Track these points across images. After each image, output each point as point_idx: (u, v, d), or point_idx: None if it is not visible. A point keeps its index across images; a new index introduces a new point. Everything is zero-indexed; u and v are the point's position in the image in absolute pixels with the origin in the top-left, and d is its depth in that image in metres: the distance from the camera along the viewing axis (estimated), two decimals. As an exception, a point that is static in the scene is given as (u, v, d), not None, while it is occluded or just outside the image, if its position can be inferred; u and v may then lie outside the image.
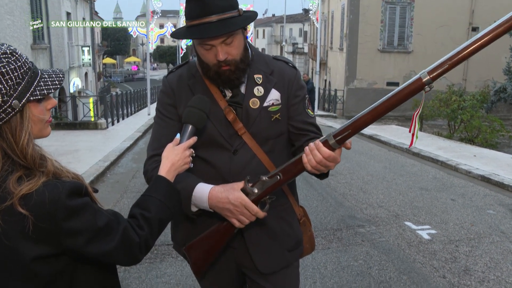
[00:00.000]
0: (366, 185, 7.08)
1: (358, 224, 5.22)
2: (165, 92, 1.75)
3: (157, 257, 4.29)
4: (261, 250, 1.75)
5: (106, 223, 1.18)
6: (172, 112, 1.72)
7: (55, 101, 1.26)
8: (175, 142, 1.51)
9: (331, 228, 5.09)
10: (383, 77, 19.60)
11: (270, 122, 1.69)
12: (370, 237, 4.81)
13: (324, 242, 4.67)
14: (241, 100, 1.67)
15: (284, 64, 1.78)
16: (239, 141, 1.67)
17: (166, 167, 1.45)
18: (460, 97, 12.43)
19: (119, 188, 7.01)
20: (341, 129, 1.45)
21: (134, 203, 1.36)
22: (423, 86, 1.37)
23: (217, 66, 1.59)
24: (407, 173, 7.97)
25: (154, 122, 1.79)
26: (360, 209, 5.82)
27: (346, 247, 4.55)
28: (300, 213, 1.88)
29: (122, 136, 11.87)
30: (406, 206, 5.97)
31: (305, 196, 6.30)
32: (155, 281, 3.82)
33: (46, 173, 1.15)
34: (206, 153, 1.67)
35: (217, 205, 1.56)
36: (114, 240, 1.19)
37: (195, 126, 1.55)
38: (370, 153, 10.01)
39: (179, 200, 1.44)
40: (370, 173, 7.93)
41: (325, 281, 3.80)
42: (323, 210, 5.75)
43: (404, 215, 5.59)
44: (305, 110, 1.76)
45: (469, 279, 3.85)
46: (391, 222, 5.32)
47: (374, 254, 4.36)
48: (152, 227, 1.30)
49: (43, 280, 1.16)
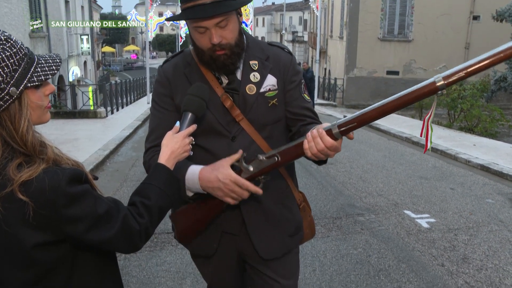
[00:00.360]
0: (365, 173, 7.09)
1: (357, 213, 5.24)
2: (161, 82, 1.74)
3: (157, 245, 4.31)
4: (262, 236, 1.75)
5: (106, 211, 1.18)
6: (168, 102, 1.71)
7: (53, 87, 1.25)
8: (175, 130, 1.51)
9: (331, 216, 5.11)
10: (383, 66, 19.53)
11: (268, 107, 1.69)
12: (370, 226, 4.83)
13: (323, 230, 4.69)
14: (238, 87, 1.67)
15: (280, 50, 1.77)
16: (237, 127, 1.67)
17: (165, 155, 1.44)
18: (460, 86, 12.40)
19: (119, 176, 7.02)
20: (347, 121, 1.45)
21: (134, 190, 1.36)
22: (436, 91, 1.35)
23: (212, 51, 1.58)
24: (407, 162, 7.98)
25: (151, 113, 1.78)
26: (359, 197, 5.84)
27: (345, 235, 4.57)
28: (300, 198, 1.89)
29: (122, 125, 11.87)
30: (405, 194, 5.99)
31: (305, 184, 6.31)
32: (155, 269, 3.84)
33: (46, 160, 1.15)
34: (205, 141, 1.67)
35: (208, 185, 1.56)
36: (114, 228, 1.19)
37: (195, 114, 1.54)
38: (369, 141, 10.01)
39: (179, 188, 1.44)
40: (369, 162, 7.94)
41: (325, 269, 3.82)
42: (323, 198, 5.76)
43: (404, 203, 5.61)
44: (301, 95, 1.76)
45: (467, 267, 3.88)
46: (390, 210, 5.34)
47: (373, 243, 4.38)
48: (152, 215, 1.30)
49: (43, 268, 1.16)
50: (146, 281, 3.64)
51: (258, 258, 1.78)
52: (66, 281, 1.20)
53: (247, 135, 1.67)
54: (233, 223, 1.75)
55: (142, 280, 3.66)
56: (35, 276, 1.16)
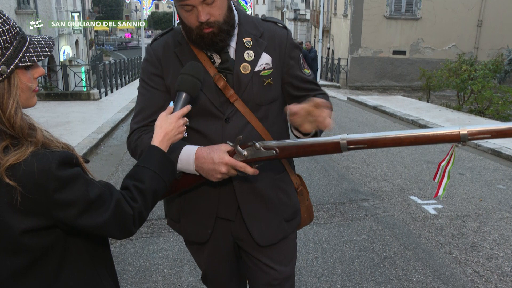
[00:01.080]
0: (370, 158, 7.10)
1: (361, 198, 5.25)
2: (150, 61, 1.72)
3: (154, 231, 4.33)
4: (258, 221, 1.76)
5: (99, 195, 1.18)
6: (158, 82, 1.69)
7: (43, 70, 1.24)
8: (169, 111, 1.50)
9: (334, 202, 5.12)
10: (389, 46, 19.39)
11: (263, 87, 1.68)
12: (374, 212, 4.84)
13: (326, 216, 4.71)
14: (231, 66, 1.66)
15: (274, 25, 1.76)
16: (231, 108, 1.66)
17: (159, 136, 1.43)
18: (471, 66, 12.30)
19: (114, 160, 7.03)
20: (359, 140, 1.45)
21: (127, 174, 1.36)
22: (458, 140, 1.38)
23: (199, 29, 1.57)
24: (413, 146, 7.96)
25: (138, 93, 1.76)
26: (363, 182, 5.85)
27: (349, 221, 4.59)
28: (297, 182, 1.89)
29: (116, 107, 11.85)
30: (411, 179, 6.00)
31: (307, 168, 6.32)
32: (152, 256, 3.86)
33: (34, 142, 1.14)
34: (197, 123, 1.66)
35: (202, 166, 1.56)
36: (107, 212, 1.18)
37: (189, 94, 1.53)
38: (374, 124, 9.99)
39: (173, 170, 1.44)
40: (374, 146, 7.93)
41: (327, 256, 3.84)
42: (325, 183, 5.77)
43: (410, 189, 5.62)
44: (302, 71, 1.76)
45: (476, 255, 3.89)
46: (395, 196, 5.35)
47: (378, 229, 4.39)
48: (146, 199, 1.30)
49: (33, 255, 1.16)
50: (142, 269, 3.67)
51: (253, 244, 1.79)
52: (57, 268, 1.20)
53: (242, 116, 1.66)
54: (228, 208, 1.75)
55: (138, 268, 3.68)
56: (24, 263, 1.16)
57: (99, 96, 13.39)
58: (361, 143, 1.44)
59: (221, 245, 1.84)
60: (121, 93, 15.38)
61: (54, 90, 13.79)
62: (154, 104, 1.68)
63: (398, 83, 19.38)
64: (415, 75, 18.23)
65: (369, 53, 19.52)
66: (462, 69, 12.22)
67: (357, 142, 1.44)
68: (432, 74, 13.79)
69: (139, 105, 1.74)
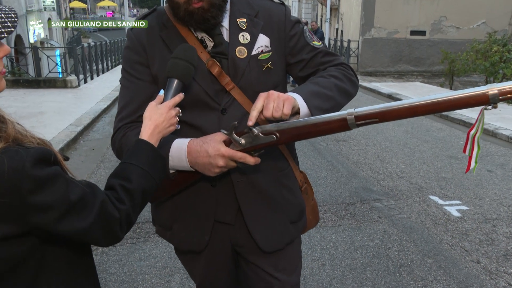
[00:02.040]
0: (384, 152, 7.11)
1: (374, 198, 5.28)
2: (132, 48, 1.70)
3: (140, 236, 4.34)
4: (261, 224, 1.76)
5: (81, 196, 1.17)
6: (143, 71, 1.69)
7: (8, 48, 1.21)
8: (159, 100, 1.49)
9: (343, 202, 5.14)
10: (407, 25, 19.33)
11: (262, 72, 1.69)
12: (388, 213, 4.86)
13: (334, 218, 4.73)
14: (226, 50, 1.66)
15: (269, 2, 1.76)
16: (227, 98, 1.66)
17: (148, 129, 1.43)
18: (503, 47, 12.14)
19: (95, 156, 7.04)
20: (368, 113, 1.42)
21: (112, 172, 1.36)
22: (486, 102, 1.31)
23: (188, 3, 1.56)
24: (433, 139, 8.00)
25: (121, 86, 1.75)
26: (376, 180, 5.87)
27: (360, 224, 4.61)
28: (302, 179, 1.90)
29: (97, 96, 11.85)
30: (431, 177, 6.02)
31: (312, 164, 6.33)
32: (138, 265, 3.88)
33: (4, 137, 1.12)
34: (190, 115, 1.66)
35: (197, 160, 1.56)
36: (90, 216, 1.18)
37: (182, 80, 1.53)
38: (389, 115, 10.00)
39: (164, 167, 1.44)
40: (388, 139, 7.96)
41: (336, 264, 3.87)
42: (333, 181, 5.79)
43: (429, 187, 5.64)
44: (310, 44, 1.76)
45: (510, 266, 3.87)
46: (413, 195, 5.37)
47: (393, 233, 4.42)
48: (134, 200, 1.29)
49: (2, 267, 1.14)
50: (127, 279, 3.68)
51: (255, 251, 1.80)
52: (32, 280, 1.19)
53: (240, 106, 1.67)
54: (227, 210, 1.75)
55: (123, 278, 3.70)
56: None
57: (77, 84, 13.36)
58: (372, 116, 1.41)
59: (220, 253, 1.84)
60: (102, 80, 15.36)
61: (23, 76, 13.67)
62: (139, 97, 1.67)
63: (417, 68, 19.34)
64: (436, 58, 18.17)
65: (384, 34, 19.47)
66: (492, 51, 12.10)
67: (366, 116, 1.41)
68: (456, 57, 13.71)
69: (123, 99, 1.73)
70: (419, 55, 19.18)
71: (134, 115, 1.68)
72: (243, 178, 1.71)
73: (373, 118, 1.41)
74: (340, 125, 1.45)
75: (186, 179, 1.66)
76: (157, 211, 1.89)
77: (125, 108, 1.71)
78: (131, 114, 1.68)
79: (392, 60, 19.35)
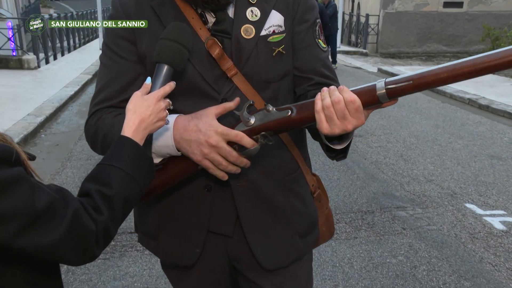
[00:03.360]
0: (408, 150, 7.13)
1: (397, 205, 5.29)
2: (118, 19, 1.70)
3: (115, 250, 4.34)
4: (263, 236, 1.77)
5: (49, 204, 1.17)
6: (128, 49, 1.69)
7: None
8: (145, 89, 1.49)
9: (359, 210, 5.16)
10: (437, -4, 19.33)
11: (271, 58, 1.68)
12: (415, 224, 4.87)
13: (349, 229, 4.74)
14: (229, 28, 1.65)
15: None
16: (228, 86, 1.66)
17: (132, 124, 1.43)
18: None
19: (60, 154, 7.04)
20: (400, 78, 1.43)
21: (87, 175, 1.35)
22: None
23: None
24: (470, 135, 8.01)
25: (101, 64, 1.76)
26: (399, 184, 5.88)
27: (380, 237, 4.62)
28: (314, 183, 1.91)
29: (63, 80, 11.82)
30: (467, 181, 6.02)
31: (322, 164, 6.34)
32: (112, 285, 3.88)
33: None
34: (183, 105, 1.65)
35: (183, 136, 1.55)
36: (59, 229, 1.18)
37: (173, 66, 1.53)
38: (414, 105, 10.02)
39: (151, 170, 1.44)
40: (414, 134, 7.97)
41: (351, 284, 3.88)
42: (348, 184, 5.80)
43: (465, 194, 5.65)
44: (316, 40, 1.76)
45: None
46: (445, 203, 5.38)
47: (421, 248, 4.42)
48: (114, 209, 1.29)
49: None
50: (100, 301, 3.69)
51: (256, 268, 1.80)
52: None
53: (243, 97, 1.66)
54: (224, 220, 1.76)
55: (95, 300, 3.70)
56: None
57: (36, 65, 13.31)
58: (405, 80, 1.41)
59: (214, 269, 1.85)
60: (69, 61, 15.34)
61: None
62: (122, 79, 1.67)
63: (450, 48, 19.34)
64: (475, 35, 18.14)
65: (410, 7, 19.47)
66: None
67: (397, 81, 1.42)
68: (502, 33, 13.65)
69: (101, 80, 1.73)
70: (453, 32, 19.15)
71: (115, 99, 1.67)
72: (243, 181, 1.71)
73: (407, 82, 1.41)
74: (368, 98, 1.45)
75: (175, 174, 1.64)
76: (140, 215, 1.89)
77: (103, 90, 1.70)
78: (111, 97, 1.67)
79: (420, 38, 19.35)
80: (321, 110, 1.44)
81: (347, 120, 1.43)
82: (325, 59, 1.78)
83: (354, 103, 1.41)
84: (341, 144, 1.56)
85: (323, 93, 1.45)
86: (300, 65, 1.74)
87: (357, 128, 1.46)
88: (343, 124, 1.43)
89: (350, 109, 1.42)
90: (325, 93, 1.44)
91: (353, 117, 1.43)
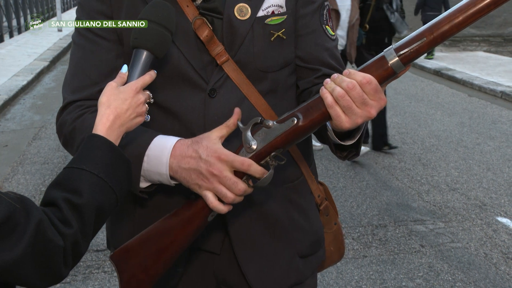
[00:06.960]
0: (428, 153, 7.14)
1: (414, 218, 5.30)
2: None
3: (78, 272, 4.32)
4: (257, 257, 1.78)
5: (7, 216, 1.17)
6: (106, 28, 1.69)
7: None
8: (121, 80, 1.49)
9: (369, 223, 5.17)
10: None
11: (269, 43, 1.70)
12: (436, 241, 4.89)
13: (357, 246, 4.75)
14: (221, 7, 1.67)
15: None
16: (218, 74, 1.67)
17: (106, 120, 1.43)
18: None
19: (9, 156, 7.01)
20: (410, 38, 1.43)
21: (52, 181, 1.36)
22: None
23: None
24: (503, 135, 8.03)
25: (74, 44, 1.76)
26: (417, 193, 5.90)
27: (394, 255, 4.63)
28: (320, 194, 1.92)
29: (12, 67, 11.76)
30: (499, 190, 6.04)
31: (325, 169, 6.35)
32: (76, 312, 3.89)
33: None
34: (166, 96, 1.67)
35: (181, 164, 1.53)
36: (19, 244, 1.18)
37: (153, 53, 1.53)
38: (435, 99, 10.02)
39: (128, 174, 1.44)
40: (435, 134, 7.99)
41: (360, 313, 3.90)
42: (356, 193, 5.82)
43: (497, 205, 5.65)
44: (322, 26, 1.77)
45: None
46: (472, 216, 5.39)
47: (443, 269, 4.44)
48: (85, 221, 1.30)
49: None
50: (60, 333, 3.68)
51: None
52: None
53: (235, 87, 1.68)
54: (211, 235, 1.76)
55: (53, 331, 3.69)
56: None
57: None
58: (416, 39, 1.42)
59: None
60: (20, 44, 15.25)
61: None
62: (98, 63, 1.68)
63: (480, 30, 19.34)
64: (510, 15, 18.14)
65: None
66: None
67: (409, 43, 1.42)
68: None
69: (75, 64, 1.74)
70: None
71: (93, 87, 1.67)
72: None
73: (420, 40, 1.42)
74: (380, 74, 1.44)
75: (188, 225, 1.63)
76: (114, 228, 1.89)
77: (78, 76, 1.71)
78: (89, 85, 1.67)
79: (442, 19, 19.31)
80: (334, 104, 1.43)
81: (368, 105, 1.43)
82: (333, 48, 1.79)
83: (370, 83, 1.41)
84: (352, 139, 1.57)
85: (328, 84, 1.44)
86: (304, 53, 1.75)
87: (379, 111, 1.46)
88: (365, 110, 1.43)
89: (368, 92, 1.42)
90: (331, 83, 1.43)
91: (374, 99, 1.43)
